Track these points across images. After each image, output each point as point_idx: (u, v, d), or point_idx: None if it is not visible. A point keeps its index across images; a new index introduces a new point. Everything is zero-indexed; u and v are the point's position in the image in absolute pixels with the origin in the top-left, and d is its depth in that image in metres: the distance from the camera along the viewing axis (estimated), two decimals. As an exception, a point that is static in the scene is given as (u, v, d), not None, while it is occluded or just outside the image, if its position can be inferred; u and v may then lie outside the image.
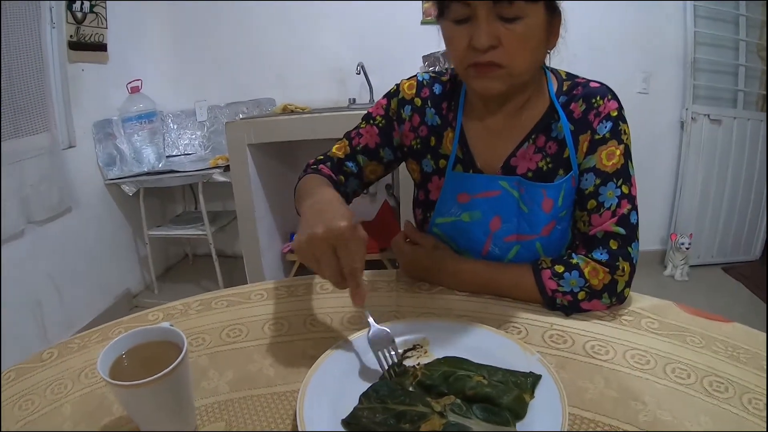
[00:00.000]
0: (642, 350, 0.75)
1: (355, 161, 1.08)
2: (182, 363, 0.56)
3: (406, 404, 0.58)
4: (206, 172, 2.71)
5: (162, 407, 0.58)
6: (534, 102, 0.95)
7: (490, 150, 0.98)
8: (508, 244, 0.97)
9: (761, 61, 3.02)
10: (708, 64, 2.95)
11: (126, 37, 2.90)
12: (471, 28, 0.81)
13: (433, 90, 1.04)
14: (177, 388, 0.58)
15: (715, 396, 0.65)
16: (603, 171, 0.89)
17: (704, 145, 2.99)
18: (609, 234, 0.88)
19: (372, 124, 1.07)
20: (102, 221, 2.79)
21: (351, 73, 2.96)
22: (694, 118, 2.94)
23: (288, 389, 0.68)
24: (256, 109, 3.12)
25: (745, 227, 3.18)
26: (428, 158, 1.03)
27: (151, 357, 0.59)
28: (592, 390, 0.66)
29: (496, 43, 0.80)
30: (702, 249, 3.15)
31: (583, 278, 0.85)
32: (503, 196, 0.94)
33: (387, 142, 1.07)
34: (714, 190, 3.07)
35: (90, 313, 2.64)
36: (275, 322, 0.86)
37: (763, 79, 3.05)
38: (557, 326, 0.82)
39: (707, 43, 2.92)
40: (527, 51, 0.83)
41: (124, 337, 0.60)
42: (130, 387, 0.53)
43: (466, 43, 0.82)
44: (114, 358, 0.59)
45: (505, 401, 0.58)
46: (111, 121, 2.82)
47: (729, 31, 2.95)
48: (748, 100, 3.06)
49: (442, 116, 1.02)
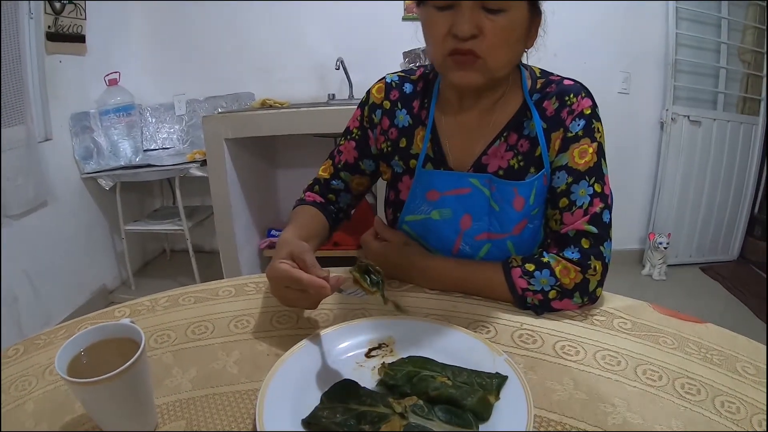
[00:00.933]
0: (613, 351, 0.74)
1: (340, 179, 1.10)
2: (139, 360, 0.55)
3: (367, 405, 0.57)
4: (183, 166, 2.68)
5: (120, 405, 0.56)
6: (508, 99, 0.95)
7: (462, 147, 0.97)
8: (479, 243, 0.96)
9: (742, 64, 3.06)
10: (689, 65, 2.98)
11: (105, 29, 2.85)
12: (453, 16, 0.80)
13: (403, 90, 1.03)
14: (135, 386, 0.57)
15: (686, 398, 0.64)
16: (575, 169, 0.89)
17: (683, 145, 3.02)
18: (581, 233, 0.87)
19: (349, 138, 1.08)
20: (78, 216, 2.74)
21: (331, 69, 2.93)
22: (673, 118, 2.97)
23: (251, 387, 0.67)
24: (236, 103, 3.09)
25: (723, 228, 3.22)
26: (397, 159, 1.02)
27: (110, 354, 0.58)
28: (560, 391, 0.65)
29: (477, 32, 0.79)
30: (680, 249, 3.19)
31: (554, 277, 0.84)
32: (473, 194, 0.93)
33: (365, 154, 1.08)
34: (693, 191, 3.11)
35: (66, 309, 2.59)
36: (241, 319, 0.84)
37: (743, 81, 3.09)
38: (527, 326, 0.81)
39: (689, 45, 2.95)
40: (507, 45, 0.82)
41: (83, 334, 0.59)
42: (86, 384, 0.52)
43: (446, 30, 0.81)
44: (72, 355, 0.57)
45: (469, 403, 0.57)
46: (88, 113, 2.76)
47: (711, 34, 2.98)
48: (728, 102, 3.10)
49: (414, 115, 1.01)
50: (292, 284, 0.73)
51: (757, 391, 0.66)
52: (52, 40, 2.47)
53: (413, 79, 1.04)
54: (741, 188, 3.19)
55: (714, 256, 3.27)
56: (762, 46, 2.99)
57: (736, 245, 3.29)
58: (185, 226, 2.81)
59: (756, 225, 3.28)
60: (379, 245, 0.99)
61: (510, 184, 0.91)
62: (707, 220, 3.18)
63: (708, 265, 3.21)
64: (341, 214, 1.13)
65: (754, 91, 3.07)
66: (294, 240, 0.82)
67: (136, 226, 2.94)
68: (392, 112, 1.02)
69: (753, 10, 2.97)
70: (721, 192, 3.15)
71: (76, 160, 2.69)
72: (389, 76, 1.05)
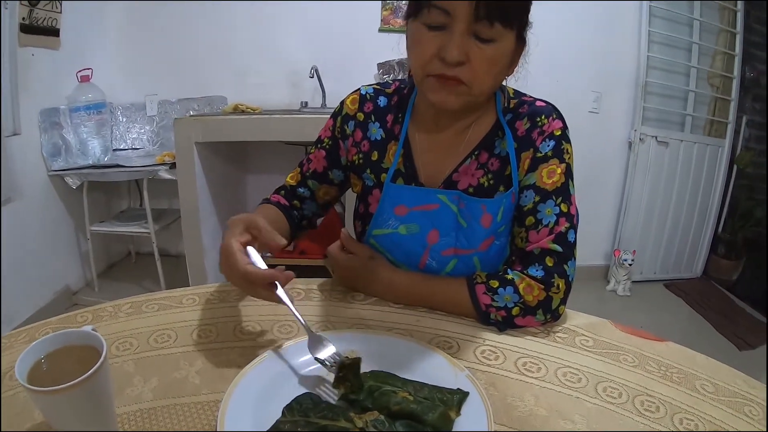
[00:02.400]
0: (575, 368, 0.75)
1: (306, 186, 1.10)
2: (101, 369, 0.54)
3: (328, 419, 0.57)
4: (152, 168, 2.64)
5: (80, 414, 0.55)
6: (482, 119, 0.96)
7: (434, 164, 0.97)
8: (445, 258, 0.96)
9: (711, 88, 3.15)
10: (659, 88, 3.06)
11: (80, 24, 2.80)
12: (443, 38, 0.79)
13: (377, 103, 1.03)
14: (95, 395, 0.55)
15: (646, 416, 0.65)
16: (543, 188, 0.90)
17: (651, 165, 3.10)
18: (545, 251, 0.88)
19: (320, 147, 1.08)
20: (43, 213, 2.67)
21: (305, 77, 2.93)
22: (642, 139, 3.04)
23: (213, 398, 0.66)
24: (208, 106, 3.06)
25: (687, 246, 3.31)
26: (368, 173, 1.02)
27: (71, 362, 0.56)
28: (521, 407, 0.66)
29: (465, 60, 0.79)
30: (644, 265, 3.26)
31: (518, 294, 0.85)
32: (441, 210, 0.94)
33: (335, 164, 1.08)
34: (658, 209, 3.19)
35: (28, 309, 2.52)
36: (205, 328, 0.83)
37: (711, 105, 3.18)
38: (489, 342, 0.82)
39: (659, 68, 3.04)
40: (491, 74, 0.83)
41: (44, 341, 0.57)
42: (46, 393, 0.51)
43: (434, 50, 0.80)
44: (33, 361, 0.56)
45: (429, 418, 0.58)
46: (58, 109, 2.70)
47: (681, 58, 3.08)
48: (696, 125, 3.20)
49: (387, 129, 1.01)
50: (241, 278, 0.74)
51: (715, 408, 0.68)
52: (25, 32, 2.42)
53: (388, 92, 1.04)
54: (706, 208, 3.28)
55: (678, 273, 3.35)
56: (731, 71, 3.09)
57: (700, 263, 3.38)
58: (152, 229, 2.77)
59: (719, 244, 3.37)
60: (344, 257, 0.98)
61: (479, 201, 0.92)
62: (672, 238, 3.26)
63: (671, 281, 3.29)
64: (305, 221, 1.13)
65: (721, 115, 3.18)
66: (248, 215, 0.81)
67: (102, 227, 2.88)
68: (365, 124, 1.02)
69: (723, 36, 3.07)
70: (686, 211, 3.24)
71: (44, 156, 2.63)
72: (364, 88, 1.05)
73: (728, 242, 3.33)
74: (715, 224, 3.34)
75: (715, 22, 3.04)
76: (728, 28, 3.05)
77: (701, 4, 2.99)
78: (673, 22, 2.98)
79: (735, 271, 3.34)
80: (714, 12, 3.05)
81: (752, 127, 3.33)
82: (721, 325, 2.76)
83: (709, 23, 3.03)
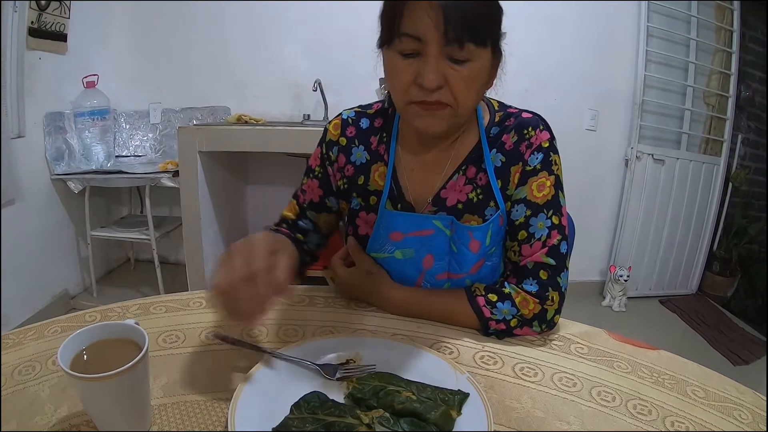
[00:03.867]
0: (570, 374, 0.78)
1: (307, 218, 1.09)
2: (143, 360, 0.56)
3: (335, 416, 0.59)
4: (155, 175, 2.65)
5: (121, 403, 0.58)
6: (466, 134, 0.96)
7: (421, 183, 0.97)
8: (439, 282, 0.97)
9: (707, 107, 3.20)
10: (655, 106, 3.10)
11: (87, 30, 2.83)
12: (418, 65, 0.79)
13: (360, 126, 1.02)
14: (136, 385, 0.58)
15: (638, 418, 0.68)
16: (533, 202, 0.91)
17: (647, 182, 3.13)
18: (539, 264, 0.90)
19: (312, 177, 1.07)
20: (45, 217, 2.68)
21: (307, 89, 2.96)
22: (638, 156, 3.07)
23: (221, 396, 0.68)
24: (211, 116, 3.09)
25: (682, 263, 3.33)
26: (355, 196, 1.02)
27: (111, 354, 0.59)
28: (519, 409, 0.69)
29: (443, 83, 0.79)
30: (640, 282, 3.28)
31: (515, 308, 0.88)
32: (436, 235, 0.94)
33: (329, 192, 1.06)
34: (654, 226, 3.21)
35: (25, 312, 2.52)
36: (212, 330, 0.85)
37: (707, 123, 3.22)
38: (488, 348, 0.85)
39: (656, 87, 3.07)
40: (472, 93, 0.82)
41: (86, 330, 0.60)
42: (90, 380, 0.53)
43: (411, 78, 0.80)
44: (75, 352, 0.58)
45: (432, 417, 0.60)
46: (63, 114, 2.72)
47: (678, 77, 3.12)
48: (692, 143, 3.23)
49: (371, 151, 1.01)
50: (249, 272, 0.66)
51: (706, 412, 0.70)
52: (34, 36, 2.45)
53: (370, 113, 1.03)
54: (701, 225, 3.31)
55: (673, 289, 3.37)
56: (726, 90, 3.13)
57: (695, 280, 3.40)
58: (152, 235, 2.78)
59: (715, 261, 3.39)
60: (344, 272, 1.00)
61: (465, 228, 0.92)
62: (667, 255, 3.28)
63: (667, 297, 3.31)
64: (308, 257, 1.09)
65: (717, 133, 3.21)
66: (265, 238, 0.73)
67: (103, 232, 2.89)
68: (348, 149, 1.02)
69: (719, 56, 3.12)
70: (682, 228, 3.26)
71: (47, 160, 2.64)
72: (345, 112, 1.05)
73: (723, 259, 3.36)
74: (711, 241, 3.37)
75: (712, 41, 3.09)
76: (724, 48, 3.10)
77: (698, 25, 3.03)
78: (669, 42, 3.03)
79: (730, 288, 3.37)
80: (710, 32, 3.10)
81: (747, 145, 3.38)
82: (716, 340, 2.78)
83: (706, 43, 3.08)
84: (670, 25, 3.00)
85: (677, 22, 3.02)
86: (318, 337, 0.84)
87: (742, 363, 2.58)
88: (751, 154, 3.41)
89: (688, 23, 3.04)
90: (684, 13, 3.00)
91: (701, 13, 3.03)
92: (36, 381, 0.70)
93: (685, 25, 3.04)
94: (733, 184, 3.29)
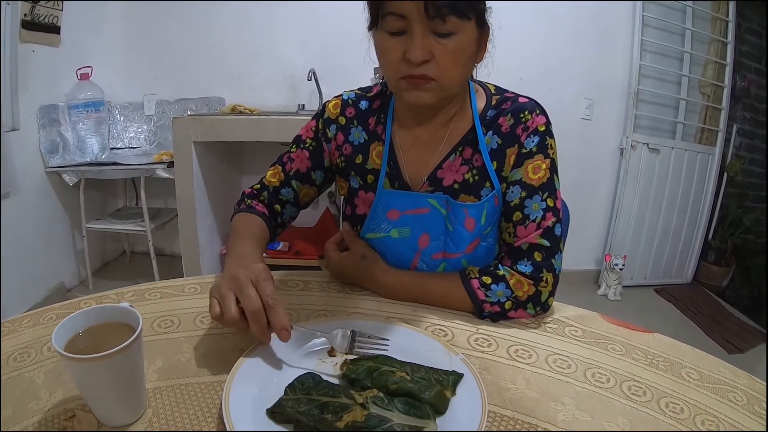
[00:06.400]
0: (564, 355, 0.78)
1: (290, 186, 1.10)
2: (137, 341, 0.57)
3: (329, 396, 0.59)
4: (150, 167, 2.66)
5: (115, 385, 0.58)
6: (462, 114, 0.97)
7: (418, 161, 0.99)
8: (435, 262, 0.98)
9: (702, 96, 3.20)
10: (651, 96, 3.10)
11: (81, 22, 2.82)
12: (405, 41, 0.82)
13: (359, 107, 1.05)
14: (131, 367, 0.58)
15: (633, 399, 0.68)
16: (529, 184, 0.92)
17: (642, 171, 3.14)
18: (534, 246, 0.91)
19: (302, 147, 1.09)
20: (40, 210, 2.68)
21: (302, 79, 2.96)
22: (633, 146, 3.08)
23: (216, 380, 0.68)
24: (205, 107, 3.09)
25: (677, 252, 3.34)
26: (353, 175, 1.04)
27: (107, 336, 0.59)
28: (513, 390, 0.69)
29: (429, 57, 0.82)
30: (635, 271, 3.29)
31: (510, 289, 0.88)
32: (432, 214, 0.96)
33: (318, 165, 1.08)
34: (649, 215, 3.22)
35: (22, 305, 2.52)
36: (207, 315, 0.85)
37: (702, 113, 3.23)
38: (483, 330, 0.85)
39: (651, 77, 3.08)
40: (458, 65, 0.85)
41: (81, 314, 0.60)
42: (84, 361, 0.54)
43: (400, 55, 0.83)
44: (70, 335, 0.59)
45: (426, 396, 0.60)
46: (57, 106, 2.72)
47: (673, 67, 3.12)
48: (687, 132, 3.24)
49: (370, 131, 1.03)
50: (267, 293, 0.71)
51: (700, 394, 0.71)
52: (27, 29, 2.44)
53: (370, 96, 1.06)
54: (696, 215, 3.32)
55: (668, 278, 3.39)
56: (722, 80, 3.14)
57: (690, 269, 3.42)
58: (148, 227, 2.78)
59: (710, 250, 3.41)
60: (337, 257, 1.01)
61: (461, 205, 0.93)
62: (662, 244, 3.30)
63: (662, 287, 3.33)
64: (279, 228, 1.12)
65: (712, 123, 3.22)
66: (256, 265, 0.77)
67: (98, 224, 2.89)
68: (347, 128, 1.04)
69: (715, 46, 3.12)
70: (677, 217, 3.27)
71: (42, 152, 2.64)
72: (346, 93, 1.07)
73: (718, 249, 3.37)
74: (706, 231, 3.38)
75: (707, 32, 3.09)
76: (720, 38, 3.10)
77: (693, 15, 3.04)
78: (665, 32, 3.03)
79: (725, 278, 3.39)
80: (706, 22, 3.10)
81: (742, 135, 3.39)
82: (711, 329, 2.80)
83: (701, 33, 3.08)
84: (666, 14, 3.00)
85: (673, 12, 3.02)
86: (313, 319, 0.84)
87: (737, 352, 2.60)
88: (746, 144, 3.42)
89: (684, 13, 3.04)
90: (679, 2, 3.00)
91: (697, 3, 3.03)
92: (31, 367, 0.70)
93: (681, 14, 3.05)
94: (728, 174, 3.30)
